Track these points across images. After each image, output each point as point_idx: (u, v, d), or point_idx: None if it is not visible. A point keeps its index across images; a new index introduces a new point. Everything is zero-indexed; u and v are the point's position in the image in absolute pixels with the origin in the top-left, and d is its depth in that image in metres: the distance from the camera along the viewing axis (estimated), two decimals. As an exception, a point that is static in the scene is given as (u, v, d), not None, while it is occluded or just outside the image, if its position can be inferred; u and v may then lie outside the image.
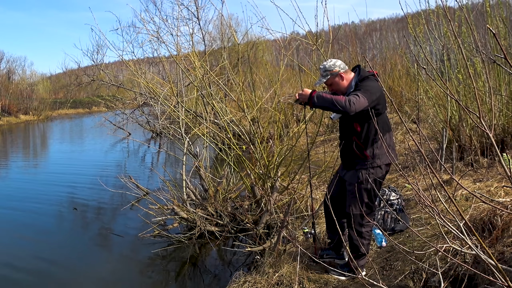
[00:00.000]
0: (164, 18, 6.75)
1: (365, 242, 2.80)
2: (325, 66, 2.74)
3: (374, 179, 2.68)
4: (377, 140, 2.67)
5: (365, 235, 2.80)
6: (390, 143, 2.75)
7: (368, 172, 2.70)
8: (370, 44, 26.25)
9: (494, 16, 4.42)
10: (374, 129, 2.64)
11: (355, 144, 2.73)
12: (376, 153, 2.68)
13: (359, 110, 2.49)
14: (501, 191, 3.45)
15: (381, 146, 2.65)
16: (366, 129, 2.68)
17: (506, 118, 4.48)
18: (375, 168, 2.70)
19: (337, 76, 2.73)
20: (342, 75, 2.73)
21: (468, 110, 1.58)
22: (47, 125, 25.70)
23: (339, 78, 2.74)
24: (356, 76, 2.76)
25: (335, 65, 2.72)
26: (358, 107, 2.47)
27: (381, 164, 2.70)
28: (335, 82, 2.76)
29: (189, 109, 5.66)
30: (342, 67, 2.73)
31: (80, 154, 12.53)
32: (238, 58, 6.76)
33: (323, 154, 5.71)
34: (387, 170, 2.78)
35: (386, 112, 2.78)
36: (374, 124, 2.60)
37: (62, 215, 5.89)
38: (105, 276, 3.96)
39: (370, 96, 2.52)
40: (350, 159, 2.81)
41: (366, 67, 9.20)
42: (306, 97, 2.63)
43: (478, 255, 1.65)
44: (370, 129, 2.67)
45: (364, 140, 2.70)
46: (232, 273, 3.66)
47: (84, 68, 18.40)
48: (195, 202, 4.84)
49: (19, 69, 40.22)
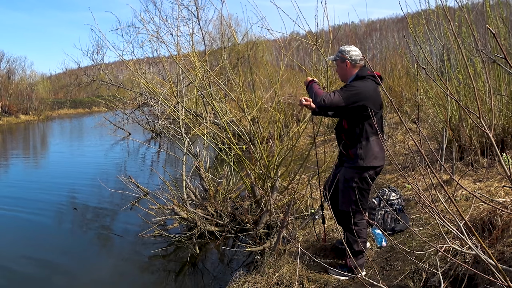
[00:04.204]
0: (164, 18, 6.76)
1: (360, 240, 2.81)
2: (342, 48, 2.85)
3: (360, 179, 2.72)
4: (362, 141, 2.72)
5: (358, 233, 2.81)
6: (374, 147, 2.73)
7: (353, 171, 2.75)
8: (370, 44, 26.27)
9: (494, 16, 4.41)
10: (360, 130, 2.71)
11: (343, 142, 2.83)
12: (359, 153, 2.72)
13: (332, 106, 2.62)
14: (501, 191, 3.45)
15: (366, 147, 2.70)
16: (352, 128, 2.74)
17: (506, 118, 4.47)
18: (360, 168, 2.73)
19: (344, 63, 2.82)
20: (348, 65, 2.81)
21: (468, 110, 1.58)
22: (47, 125, 25.70)
23: (345, 65, 2.82)
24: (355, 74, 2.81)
25: (349, 53, 2.79)
26: (329, 104, 2.59)
27: (364, 165, 2.72)
28: (339, 65, 2.87)
29: (189, 109, 5.66)
30: (353, 59, 2.80)
31: (80, 154, 12.53)
32: (238, 58, 6.77)
33: (323, 154, 5.71)
34: (376, 171, 2.77)
35: (380, 115, 2.76)
36: (360, 125, 2.69)
37: (62, 215, 5.89)
38: (105, 276, 3.96)
39: (348, 96, 2.61)
40: (340, 156, 2.92)
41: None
42: (307, 81, 2.90)
43: (478, 255, 1.65)
44: (355, 128, 2.73)
45: (350, 139, 2.77)
46: (232, 273, 3.65)
47: (84, 68, 18.41)
48: (195, 202, 4.84)
49: (19, 69, 40.21)
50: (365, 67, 2.81)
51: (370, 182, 2.74)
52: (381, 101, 2.77)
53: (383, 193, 3.85)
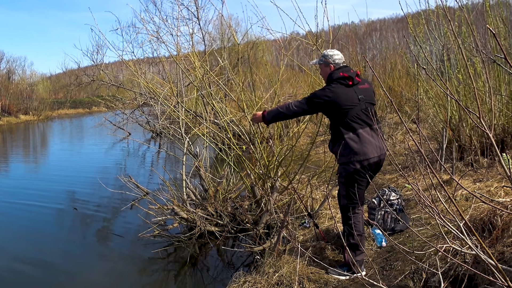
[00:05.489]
0: (164, 18, 6.73)
1: (355, 233, 2.85)
2: (325, 53, 3.04)
3: (347, 174, 2.84)
4: (340, 139, 2.85)
5: (352, 226, 2.87)
6: (363, 139, 2.79)
7: (340, 167, 2.91)
8: (370, 44, 26.26)
9: (494, 16, 4.41)
10: (338, 128, 2.86)
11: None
12: (339, 151, 2.85)
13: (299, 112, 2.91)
14: (501, 191, 3.45)
15: (345, 145, 2.81)
16: (332, 126, 2.93)
17: (506, 118, 4.47)
18: (343, 163, 2.87)
19: (328, 66, 2.99)
20: (331, 68, 2.97)
21: (468, 110, 1.58)
22: (47, 125, 25.70)
23: (329, 68, 2.98)
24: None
25: (332, 58, 2.96)
26: (297, 110, 2.89)
27: (345, 161, 2.83)
28: (323, 69, 3.04)
29: (189, 109, 5.66)
30: (336, 62, 2.95)
31: (80, 154, 12.53)
32: (238, 58, 6.77)
33: (323, 154, 5.70)
34: (362, 164, 2.80)
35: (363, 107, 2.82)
36: (338, 123, 2.85)
37: (62, 215, 5.89)
38: (105, 276, 3.96)
39: (311, 102, 2.84)
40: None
41: (366, 67, 9.21)
42: (260, 118, 3.10)
43: (478, 255, 1.65)
44: (334, 126, 2.90)
45: (332, 137, 2.96)
46: (232, 273, 3.65)
47: (84, 68, 18.42)
48: (195, 202, 4.84)
49: (19, 69, 40.24)
50: (339, 70, 2.91)
51: (361, 174, 2.80)
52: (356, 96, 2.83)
53: (383, 193, 3.85)
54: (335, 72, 2.90)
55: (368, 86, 2.94)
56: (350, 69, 2.93)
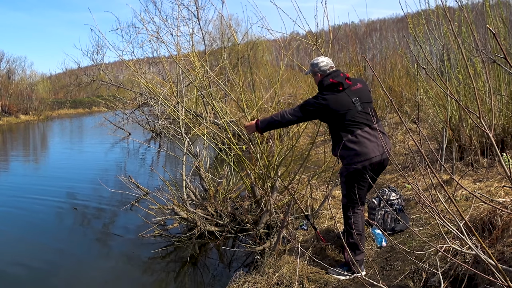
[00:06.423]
0: (164, 18, 6.74)
1: (355, 232, 2.86)
2: (312, 62, 3.07)
3: (348, 174, 2.87)
4: (338, 143, 2.89)
5: (352, 226, 2.90)
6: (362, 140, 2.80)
7: (342, 167, 2.95)
8: (370, 44, 26.27)
9: (494, 16, 4.41)
10: (336, 132, 2.90)
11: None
12: (340, 153, 2.88)
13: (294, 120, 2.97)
14: (501, 191, 3.45)
15: (345, 148, 2.83)
16: (331, 130, 2.97)
17: (506, 118, 4.47)
18: (345, 165, 2.89)
19: (316, 75, 3.04)
20: (319, 76, 3.01)
21: (468, 110, 1.58)
22: (47, 125, 25.70)
23: (317, 77, 3.03)
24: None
25: (317, 66, 3.00)
26: (292, 119, 2.94)
27: (346, 163, 2.86)
28: (314, 78, 3.11)
29: (189, 109, 5.65)
30: (322, 69, 2.98)
31: (80, 154, 12.53)
32: (238, 58, 6.77)
33: (323, 154, 5.70)
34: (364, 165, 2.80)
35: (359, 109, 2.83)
36: (336, 127, 2.89)
37: (62, 215, 5.89)
38: (105, 276, 3.96)
39: (305, 110, 2.88)
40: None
41: (366, 67, 9.21)
42: (253, 127, 3.13)
43: (478, 255, 1.65)
44: (333, 131, 2.94)
45: (333, 142, 2.99)
46: (232, 273, 3.65)
47: (84, 68, 18.40)
48: (195, 202, 4.84)
49: (19, 69, 40.24)
50: (328, 77, 2.92)
51: (362, 175, 2.81)
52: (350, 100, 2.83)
53: (383, 193, 3.85)
54: (324, 79, 2.93)
55: (361, 86, 2.93)
56: (340, 72, 2.93)
